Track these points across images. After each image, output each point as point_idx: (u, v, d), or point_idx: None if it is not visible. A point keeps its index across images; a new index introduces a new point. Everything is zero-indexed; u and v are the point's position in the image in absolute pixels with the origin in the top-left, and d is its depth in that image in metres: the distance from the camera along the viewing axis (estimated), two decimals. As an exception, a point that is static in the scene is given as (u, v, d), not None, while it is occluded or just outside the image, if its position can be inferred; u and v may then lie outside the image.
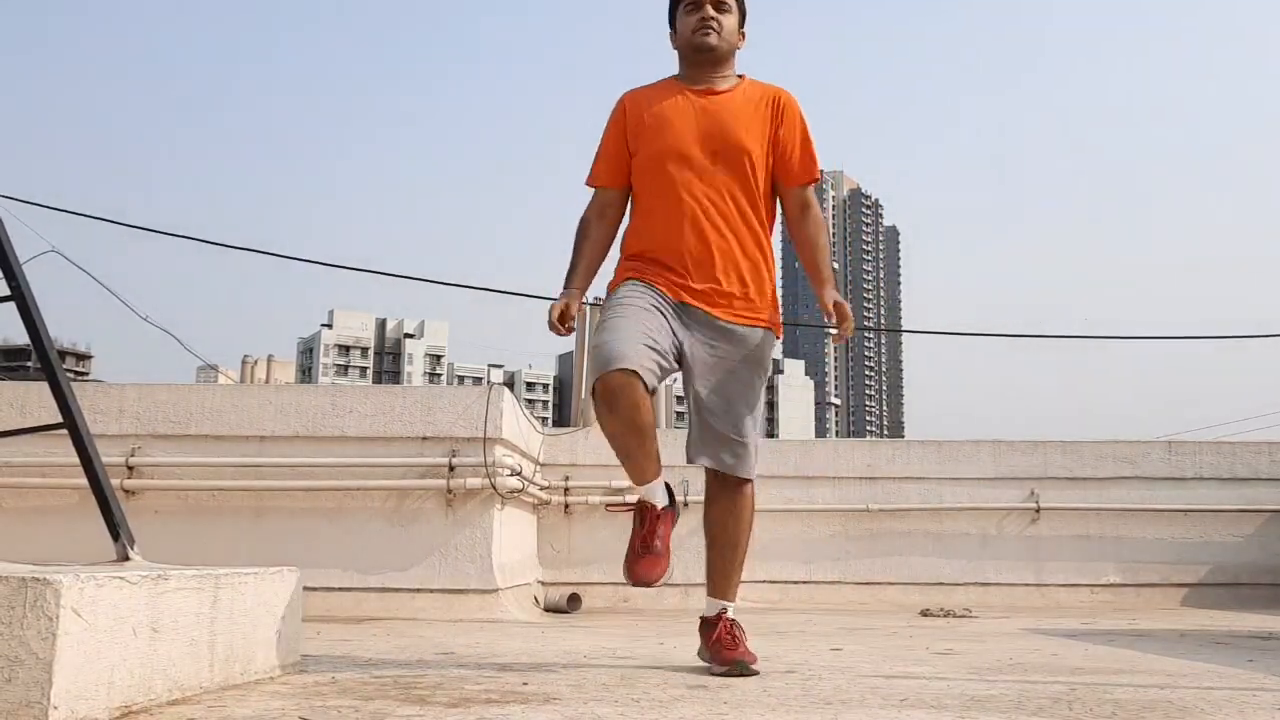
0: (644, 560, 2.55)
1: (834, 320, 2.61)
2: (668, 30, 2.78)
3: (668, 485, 2.63)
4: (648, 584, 2.57)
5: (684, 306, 2.59)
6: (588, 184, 2.77)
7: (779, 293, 2.80)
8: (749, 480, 2.67)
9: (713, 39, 2.65)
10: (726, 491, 2.68)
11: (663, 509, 2.59)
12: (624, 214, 2.76)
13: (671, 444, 3.10)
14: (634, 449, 2.50)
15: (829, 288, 2.67)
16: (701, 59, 2.68)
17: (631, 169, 2.70)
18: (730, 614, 2.66)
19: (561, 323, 2.62)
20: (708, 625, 2.66)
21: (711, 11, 2.65)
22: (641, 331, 2.47)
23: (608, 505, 2.78)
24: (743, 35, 2.75)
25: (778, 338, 2.71)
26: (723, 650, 2.54)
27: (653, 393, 2.50)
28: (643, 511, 2.58)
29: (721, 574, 2.71)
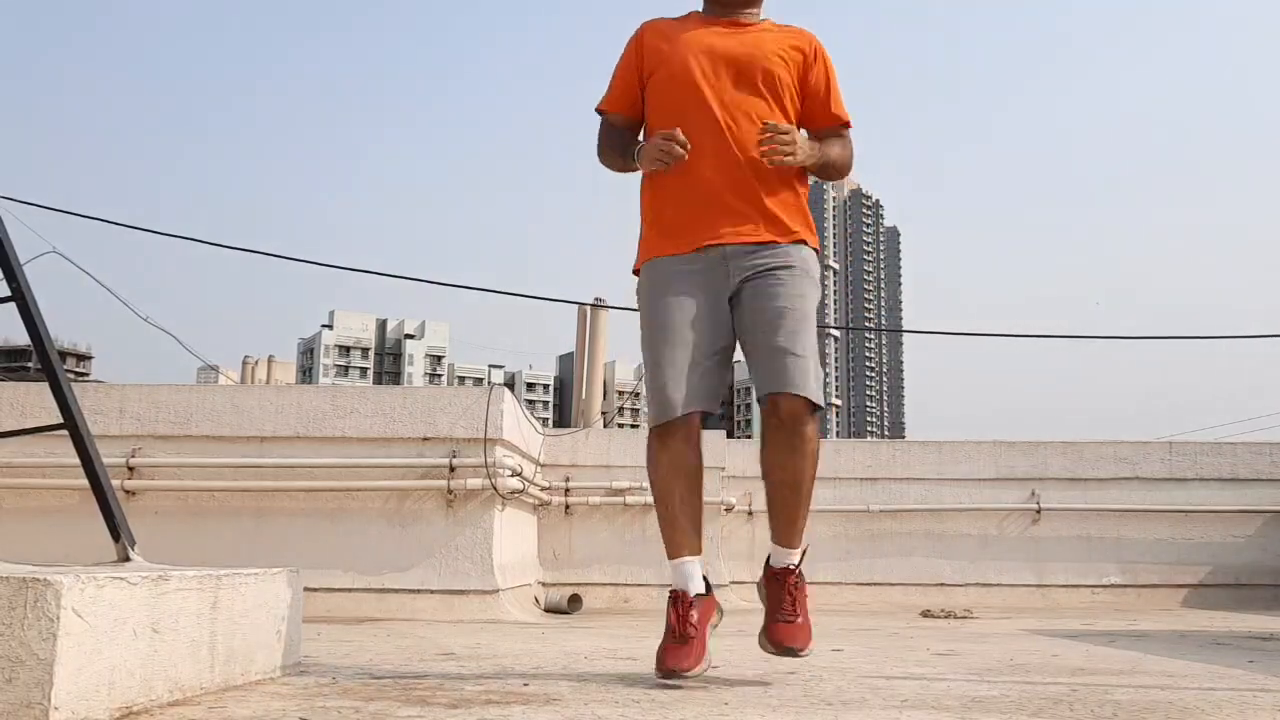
0: (672, 648, 2.28)
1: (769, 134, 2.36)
2: None
3: (705, 578, 2.45)
4: (679, 675, 2.24)
5: (723, 249, 2.42)
6: (597, 109, 2.62)
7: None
8: (811, 413, 2.40)
9: None
10: (783, 425, 2.40)
11: (696, 596, 2.36)
12: (637, 140, 2.59)
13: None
14: (680, 499, 2.40)
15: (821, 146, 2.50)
16: None
17: (646, 96, 2.56)
18: (799, 566, 2.46)
19: (666, 152, 2.37)
20: (773, 579, 2.45)
21: None
22: (689, 358, 2.38)
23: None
24: None
25: (819, 254, 2.57)
26: (780, 626, 2.37)
27: (720, 415, 2.45)
28: (675, 599, 2.35)
29: (785, 519, 2.46)
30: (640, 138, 2.61)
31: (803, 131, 2.53)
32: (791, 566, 2.45)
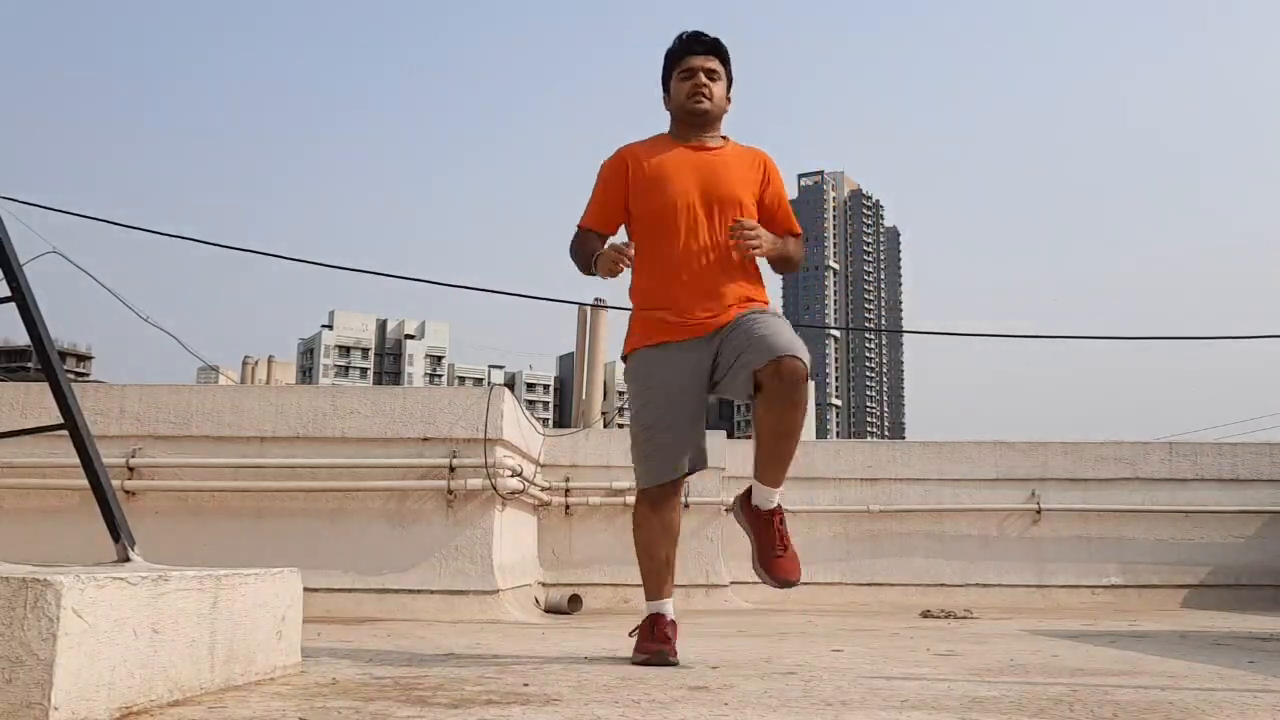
0: (650, 642, 2.77)
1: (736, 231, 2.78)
2: (661, 93, 3.01)
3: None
4: (663, 657, 2.72)
5: (696, 340, 2.81)
6: (579, 226, 2.99)
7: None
8: (806, 376, 2.67)
9: (704, 105, 2.91)
10: (784, 385, 2.65)
11: (670, 620, 2.84)
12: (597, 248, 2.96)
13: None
14: (664, 557, 2.85)
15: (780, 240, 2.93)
16: (694, 121, 2.93)
17: (631, 220, 2.94)
18: (780, 503, 2.82)
19: (615, 262, 2.79)
20: (760, 518, 2.81)
21: (704, 79, 2.90)
22: (674, 424, 2.81)
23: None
24: (729, 99, 3.00)
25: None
26: (774, 557, 2.76)
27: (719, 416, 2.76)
28: (655, 619, 2.83)
29: (777, 463, 2.76)
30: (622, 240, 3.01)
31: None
32: (778, 506, 2.82)
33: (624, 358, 2.97)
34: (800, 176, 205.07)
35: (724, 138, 3.00)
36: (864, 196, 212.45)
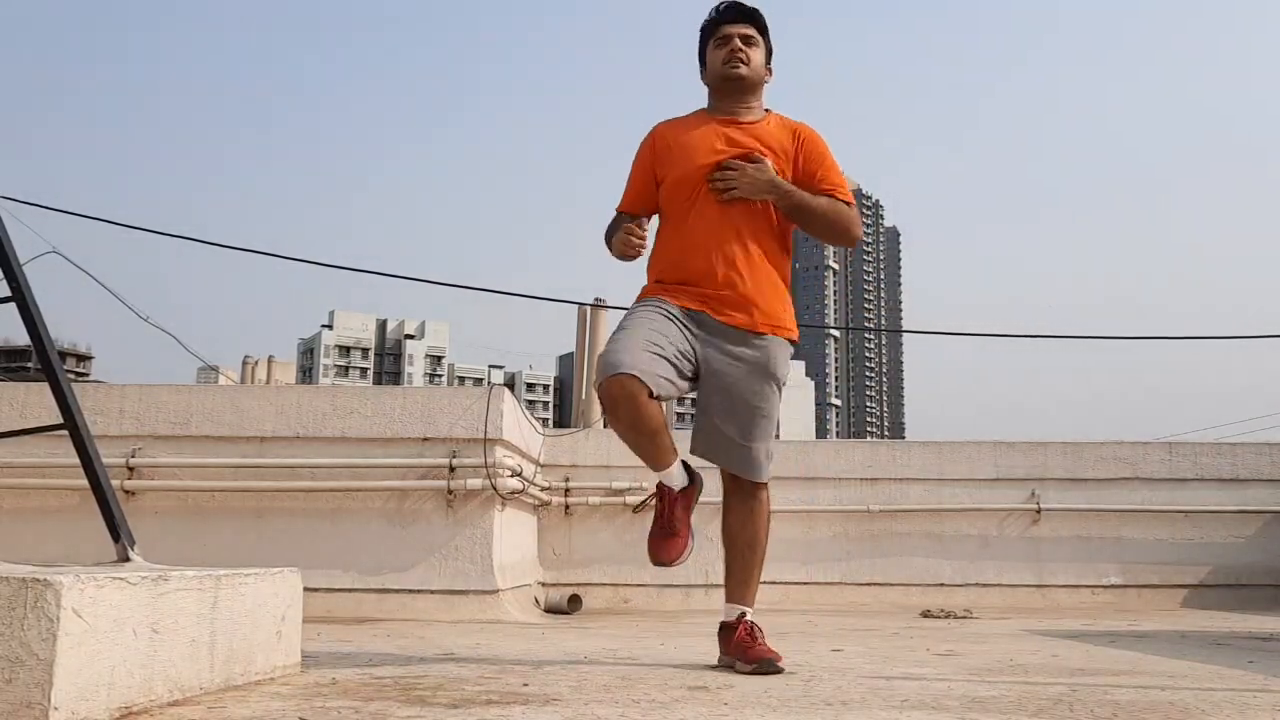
0: (660, 541, 2.71)
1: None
2: (699, 68, 2.90)
3: (685, 464, 2.75)
4: (665, 563, 2.70)
5: (701, 316, 2.68)
6: (618, 210, 2.89)
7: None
8: (763, 485, 2.74)
9: (741, 69, 2.78)
10: (741, 495, 2.75)
11: (680, 490, 2.73)
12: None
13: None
14: (644, 445, 2.63)
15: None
16: (730, 89, 2.81)
17: (659, 195, 2.82)
18: (749, 618, 2.70)
19: (626, 244, 2.69)
20: (727, 630, 2.71)
21: (740, 44, 2.78)
22: (644, 339, 2.57)
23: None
24: (769, 70, 2.88)
25: (794, 343, 2.80)
26: (745, 650, 2.59)
27: (662, 398, 2.58)
28: (660, 494, 2.74)
29: (740, 579, 2.75)
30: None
31: (767, 163, 2.71)
32: (743, 613, 2.69)
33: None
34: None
35: (766, 110, 2.85)
36: (864, 196, 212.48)
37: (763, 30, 2.84)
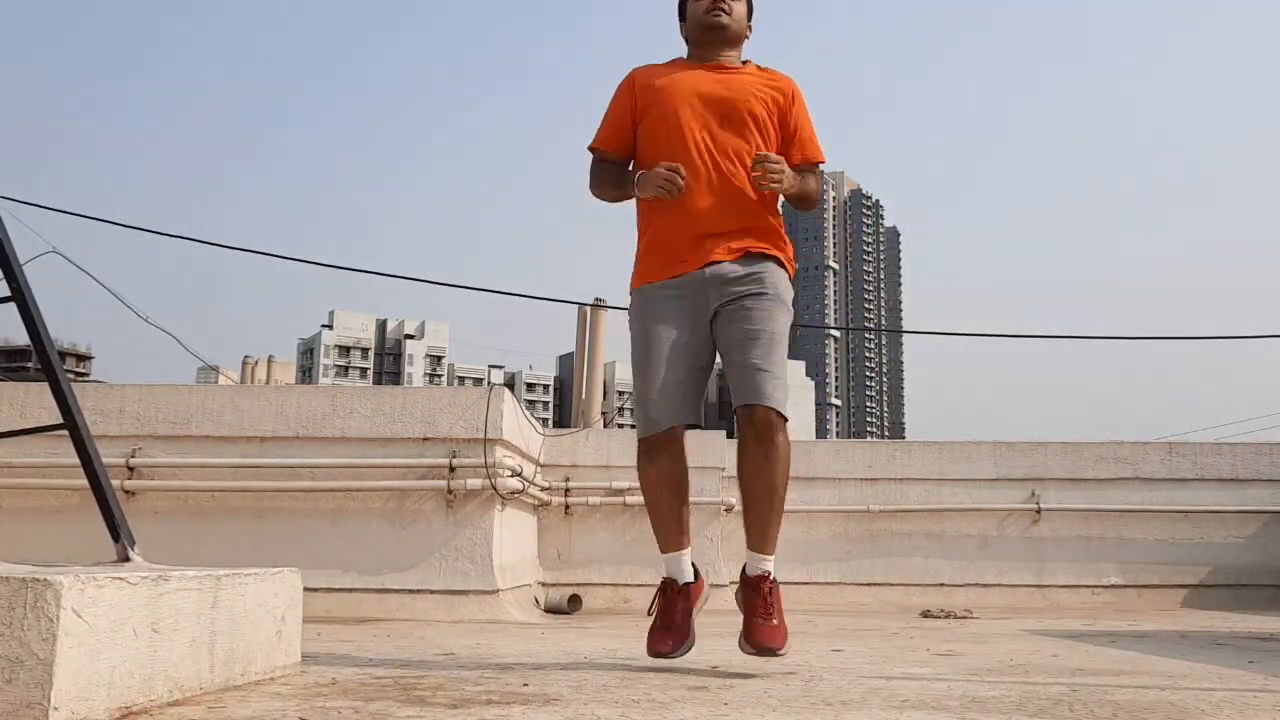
0: (659, 634, 2.65)
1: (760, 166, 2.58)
2: (679, 23, 2.85)
3: (694, 564, 2.74)
4: (664, 654, 2.63)
5: (699, 277, 2.64)
6: (590, 147, 2.83)
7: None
8: (781, 424, 2.58)
9: (723, 18, 2.73)
10: (756, 437, 2.58)
11: (684, 585, 2.69)
12: (627, 171, 2.81)
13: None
14: (668, 506, 2.67)
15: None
16: (711, 38, 2.76)
17: (638, 137, 2.76)
18: (772, 575, 2.62)
19: (673, 178, 2.57)
20: (748, 585, 2.63)
21: None
22: (671, 376, 2.61)
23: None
24: (750, 26, 2.84)
25: (791, 275, 2.75)
26: (757, 627, 2.54)
27: (698, 426, 2.67)
28: (664, 588, 2.70)
29: (759, 526, 2.63)
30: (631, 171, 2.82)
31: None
32: (766, 573, 2.62)
33: (630, 292, 2.79)
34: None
35: (746, 61, 2.80)
36: (864, 196, 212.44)
37: None
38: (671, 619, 2.65)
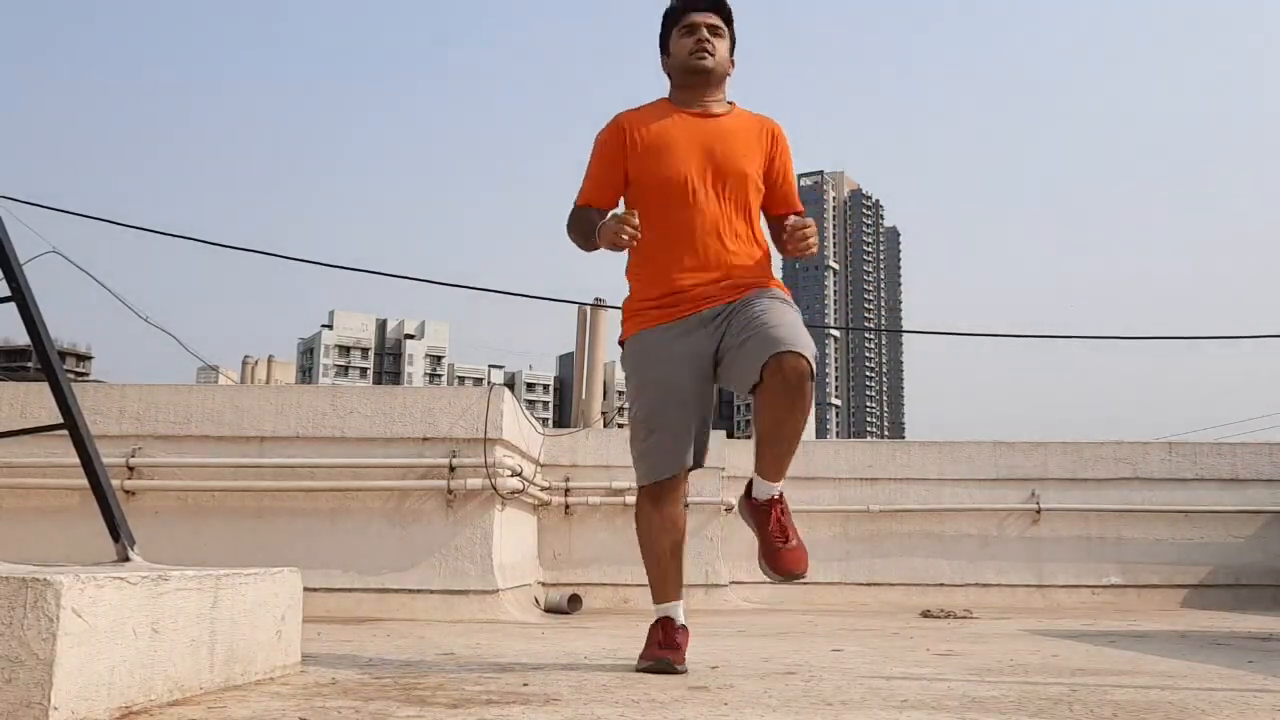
0: (660, 650, 2.65)
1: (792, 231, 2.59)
2: (660, 55, 2.83)
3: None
4: (667, 665, 2.61)
5: (697, 321, 2.64)
6: (577, 203, 2.78)
7: None
8: (811, 373, 2.47)
9: (708, 61, 2.71)
10: (788, 387, 2.46)
11: (680, 626, 2.71)
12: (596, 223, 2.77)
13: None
14: (670, 554, 2.71)
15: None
16: (695, 81, 2.74)
17: (629, 190, 2.75)
18: (780, 494, 2.65)
19: (618, 234, 2.53)
20: (758, 509, 2.64)
21: (706, 34, 2.71)
22: (674, 419, 2.64)
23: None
24: (732, 62, 2.82)
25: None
26: (776, 549, 2.56)
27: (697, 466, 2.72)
28: (662, 623, 2.71)
29: (776, 460, 2.60)
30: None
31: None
32: (777, 495, 2.65)
33: (621, 343, 2.79)
34: (800, 176, 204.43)
35: (730, 103, 2.80)
36: (864, 196, 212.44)
37: (728, 20, 2.77)
38: (672, 642, 2.65)
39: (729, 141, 2.70)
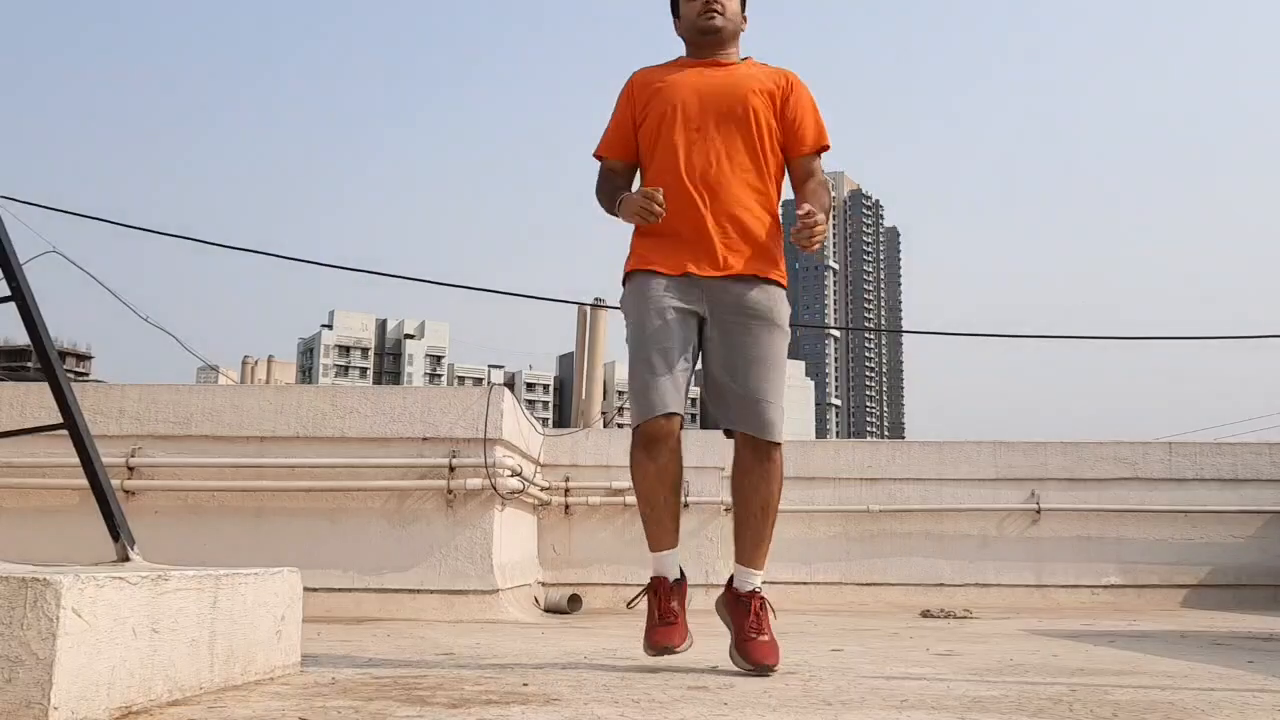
0: (661, 629, 2.63)
1: (800, 223, 2.53)
2: (671, 19, 2.83)
3: (680, 566, 2.73)
4: (670, 648, 2.62)
5: (693, 279, 2.62)
6: (595, 155, 2.83)
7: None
8: (779, 444, 2.62)
9: (717, 20, 2.70)
10: (756, 456, 2.62)
11: (674, 582, 2.69)
12: (630, 184, 2.82)
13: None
14: (662, 502, 2.64)
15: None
16: (706, 40, 2.73)
17: (640, 140, 2.75)
18: (762, 592, 2.63)
19: (645, 209, 2.54)
20: (738, 602, 2.62)
21: None
22: (665, 363, 2.57)
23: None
24: (745, 18, 2.80)
25: (783, 287, 2.71)
26: (748, 644, 2.51)
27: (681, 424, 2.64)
28: (656, 586, 2.69)
29: (753, 540, 2.64)
30: (636, 177, 2.83)
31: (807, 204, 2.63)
32: (756, 589, 2.63)
33: (623, 281, 2.74)
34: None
35: (746, 59, 2.78)
36: (864, 196, 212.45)
37: None
38: (669, 615, 2.64)
39: (734, 82, 2.69)
